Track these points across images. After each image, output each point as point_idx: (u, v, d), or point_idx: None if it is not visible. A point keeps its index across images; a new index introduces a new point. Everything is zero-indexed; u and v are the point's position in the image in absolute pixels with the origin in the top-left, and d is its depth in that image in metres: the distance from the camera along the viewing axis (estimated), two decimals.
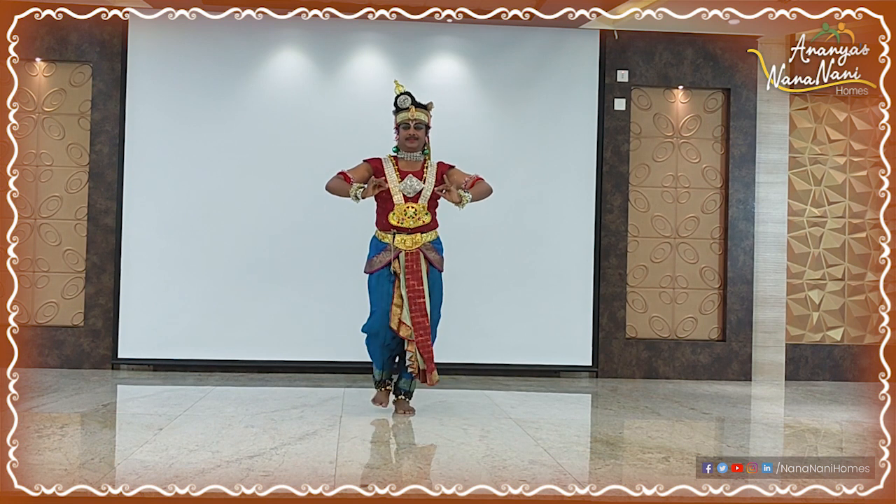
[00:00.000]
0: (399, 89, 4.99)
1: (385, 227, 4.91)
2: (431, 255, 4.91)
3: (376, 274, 4.92)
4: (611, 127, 7.03)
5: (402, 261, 4.83)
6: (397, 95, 4.96)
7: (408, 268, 4.82)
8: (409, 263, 4.83)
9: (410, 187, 4.87)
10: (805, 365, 7.23)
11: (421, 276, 4.83)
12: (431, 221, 4.96)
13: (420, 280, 4.82)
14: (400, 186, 4.86)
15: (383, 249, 4.90)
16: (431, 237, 4.96)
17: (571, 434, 4.62)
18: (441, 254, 4.98)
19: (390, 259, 4.86)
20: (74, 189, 6.74)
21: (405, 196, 4.87)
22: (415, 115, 4.89)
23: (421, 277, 4.82)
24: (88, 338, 6.66)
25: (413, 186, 4.87)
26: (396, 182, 4.87)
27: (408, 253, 4.85)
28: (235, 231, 6.72)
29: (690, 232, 7.18)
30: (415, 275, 4.82)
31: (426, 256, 4.89)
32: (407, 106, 4.90)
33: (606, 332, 6.99)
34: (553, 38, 6.91)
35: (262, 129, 6.75)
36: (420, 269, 4.84)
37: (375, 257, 4.93)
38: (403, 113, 4.91)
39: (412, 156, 4.95)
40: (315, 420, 4.77)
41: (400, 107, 4.93)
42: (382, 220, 4.93)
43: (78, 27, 6.66)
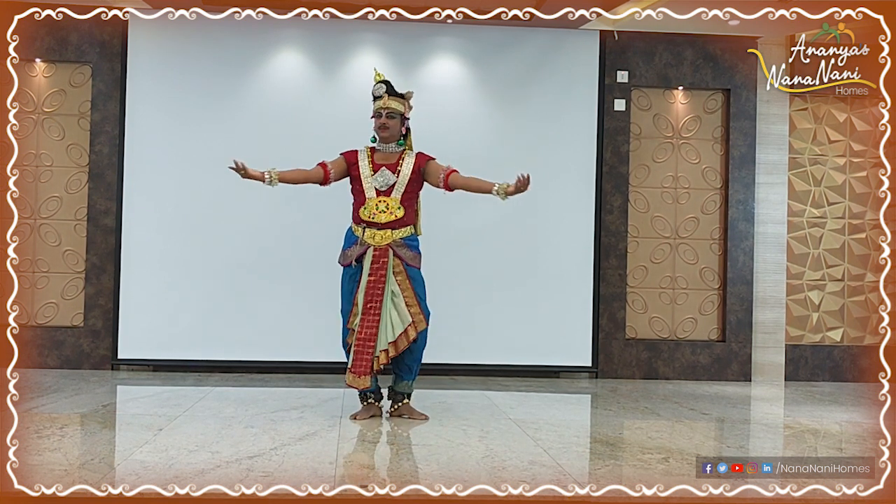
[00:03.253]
0: (377, 77, 4.88)
1: (357, 220, 4.81)
2: (403, 251, 4.76)
3: (347, 271, 4.84)
4: (611, 127, 7.03)
5: (368, 257, 4.72)
6: (374, 84, 4.85)
7: (372, 266, 4.70)
8: (375, 261, 4.70)
9: (383, 181, 4.76)
10: (805, 365, 7.23)
11: (384, 275, 4.69)
12: (405, 216, 4.79)
13: (382, 279, 4.68)
14: (372, 180, 4.76)
15: (354, 242, 4.80)
16: (404, 233, 4.79)
17: (571, 434, 4.62)
18: (415, 251, 4.82)
19: (360, 253, 4.76)
20: (74, 189, 6.74)
21: (377, 190, 4.76)
22: (387, 104, 4.77)
23: (383, 276, 4.69)
24: (88, 338, 6.66)
25: (386, 180, 4.75)
26: (369, 175, 4.78)
27: (376, 249, 4.72)
28: (235, 231, 6.72)
29: (690, 232, 7.18)
30: (376, 273, 4.69)
31: (397, 253, 4.75)
32: (381, 94, 4.79)
33: (606, 332, 6.99)
34: (553, 38, 6.91)
35: (262, 129, 6.75)
36: (385, 268, 4.70)
37: (348, 249, 4.83)
38: (377, 101, 4.81)
39: (387, 147, 4.84)
40: (315, 420, 4.77)
41: (375, 95, 4.83)
42: (355, 213, 4.83)
43: (78, 27, 6.66)
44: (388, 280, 4.72)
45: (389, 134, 4.82)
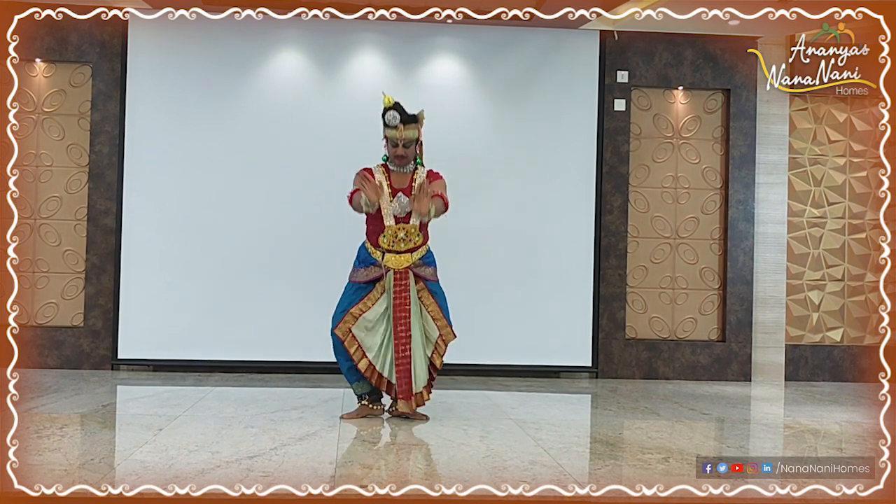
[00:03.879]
0: (387, 102, 4.70)
1: (375, 244, 4.78)
2: (422, 270, 4.78)
3: (354, 284, 4.83)
4: (611, 127, 7.03)
5: (390, 281, 4.72)
6: (385, 109, 4.69)
7: (395, 290, 4.70)
8: (397, 283, 4.71)
9: (400, 208, 4.71)
10: (805, 365, 7.23)
11: (408, 296, 4.71)
12: (423, 239, 4.82)
13: (407, 300, 4.70)
14: (390, 208, 4.71)
15: (371, 264, 4.78)
16: (422, 253, 4.82)
17: (571, 434, 4.62)
18: (433, 265, 4.85)
19: (376, 276, 4.75)
20: (74, 189, 6.74)
21: (396, 217, 4.73)
22: (404, 135, 4.66)
23: (408, 298, 4.71)
24: (88, 338, 6.66)
25: (403, 207, 4.71)
26: (388, 202, 4.71)
27: (397, 272, 4.73)
28: (235, 231, 6.72)
29: (690, 232, 7.18)
30: (400, 296, 4.70)
31: (417, 273, 4.77)
32: (396, 124, 4.65)
33: (606, 332, 6.99)
34: (553, 38, 6.91)
35: (262, 129, 6.75)
36: (408, 289, 4.71)
37: (362, 269, 4.81)
38: (391, 130, 4.68)
39: (401, 169, 4.79)
40: (315, 420, 4.77)
41: (388, 124, 4.68)
42: (373, 237, 4.79)
43: (78, 27, 6.66)
44: (412, 301, 4.73)
45: (405, 161, 4.77)
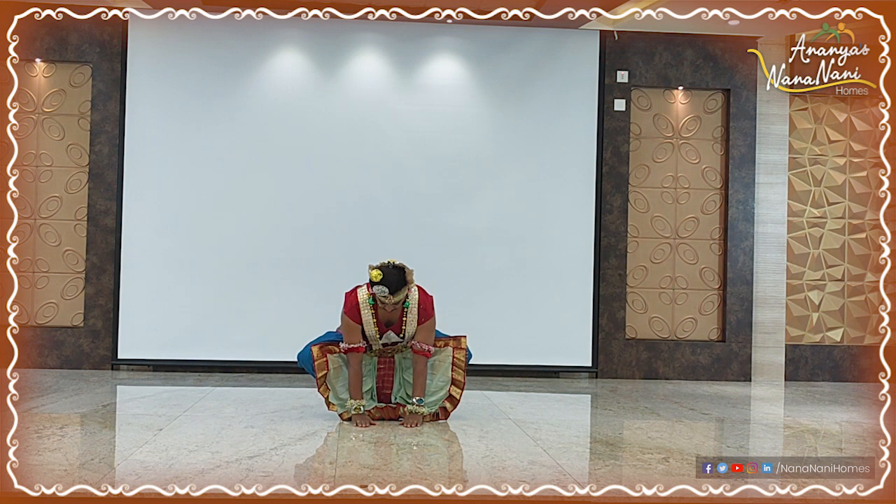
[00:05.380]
0: (375, 276, 4.45)
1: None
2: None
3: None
4: (610, 127, 7.03)
5: (374, 362, 4.81)
6: (372, 283, 4.47)
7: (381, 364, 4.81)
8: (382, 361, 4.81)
9: (390, 341, 4.69)
10: (805, 365, 7.23)
11: (393, 359, 4.80)
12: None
13: (391, 366, 4.80)
14: (377, 342, 4.68)
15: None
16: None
17: (571, 434, 4.62)
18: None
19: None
20: (74, 189, 6.74)
21: (384, 344, 4.72)
22: (393, 301, 4.49)
23: (393, 360, 4.80)
24: (88, 338, 6.66)
25: (392, 340, 4.69)
26: (375, 338, 4.65)
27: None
28: (235, 231, 6.72)
29: (690, 233, 7.18)
30: (387, 364, 4.81)
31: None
32: (385, 299, 4.47)
33: (606, 332, 6.99)
34: (553, 38, 6.91)
35: (262, 129, 6.75)
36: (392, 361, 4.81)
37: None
38: (381, 299, 4.48)
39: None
40: (315, 420, 4.77)
41: (379, 298, 4.48)
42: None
43: (78, 27, 6.66)
44: (397, 368, 4.82)
45: (396, 313, 4.63)
